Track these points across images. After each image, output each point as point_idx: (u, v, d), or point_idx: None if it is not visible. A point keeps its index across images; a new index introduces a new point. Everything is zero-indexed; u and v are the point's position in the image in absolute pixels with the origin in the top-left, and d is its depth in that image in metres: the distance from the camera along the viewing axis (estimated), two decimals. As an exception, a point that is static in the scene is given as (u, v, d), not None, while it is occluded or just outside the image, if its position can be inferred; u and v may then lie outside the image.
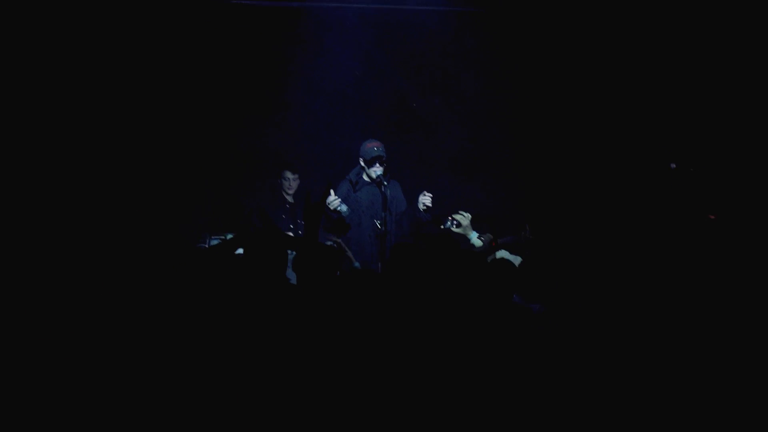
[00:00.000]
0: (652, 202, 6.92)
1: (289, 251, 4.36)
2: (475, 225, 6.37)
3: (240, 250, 4.12)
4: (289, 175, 7.49)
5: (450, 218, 6.28)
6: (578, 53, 7.61)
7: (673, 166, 4.03)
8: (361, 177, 6.73)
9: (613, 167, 7.55)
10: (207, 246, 6.58)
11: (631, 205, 7.23)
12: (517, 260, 5.98)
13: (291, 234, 7.12)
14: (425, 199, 6.53)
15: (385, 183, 6.48)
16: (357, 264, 6.00)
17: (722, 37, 7.14)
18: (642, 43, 7.36)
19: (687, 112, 7.29)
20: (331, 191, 6.45)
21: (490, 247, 6.15)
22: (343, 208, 6.41)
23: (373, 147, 6.58)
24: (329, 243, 5.96)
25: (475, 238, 6.31)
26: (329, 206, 6.38)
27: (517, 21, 7.69)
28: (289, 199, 7.51)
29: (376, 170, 6.55)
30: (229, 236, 6.68)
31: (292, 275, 4.45)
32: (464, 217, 6.27)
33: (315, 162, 7.92)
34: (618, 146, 7.56)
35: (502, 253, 6.15)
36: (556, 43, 7.65)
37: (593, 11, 7.42)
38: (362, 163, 6.67)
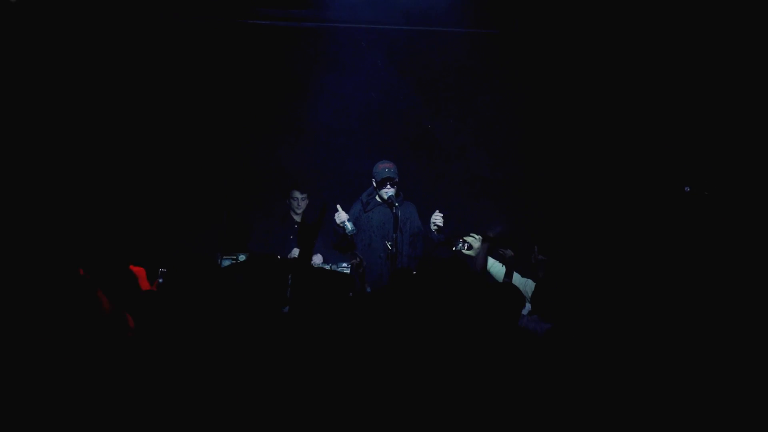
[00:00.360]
0: (666, 224, 6.84)
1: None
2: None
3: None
4: (297, 194, 7.41)
5: (461, 240, 6.25)
6: (594, 74, 7.56)
7: (687, 189, 3.97)
8: (373, 198, 6.75)
9: (628, 188, 7.48)
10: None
11: (645, 227, 7.16)
12: (528, 284, 5.95)
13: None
14: (436, 219, 6.53)
15: (396, 204, 6.49)
16: (369, 289, 6.00)
17: (745, 64, 7.06)
18: (659, 64, 7.30)
19: (703, 135, 7.20)
20: (339, 207, 6.48)
21: (507, 267, 6.11)
22: (348, 226, 6.42)
23: (385, 168, 6.60)
24: (355, 260, 5.97)
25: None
26: (336, 221, 6.41)
27: (532, 42, 7.66)
28: (298, 219, 7.45)
29: (387, 191, 6.57)
30: (242, 257, 6.75)
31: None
32: (476, 240, 6.23)
33: (330, 183, 7.93)
34: (633, 167, 7.49)
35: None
36: (571, 64, 7.61)
37: (610, 33, 7.37)
38: (374, 184, 6.68)
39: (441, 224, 6.51)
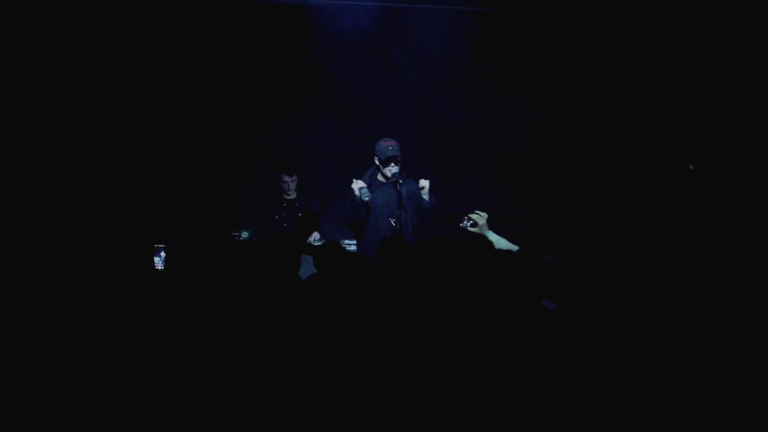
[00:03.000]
0: (670, 203, 6.82)
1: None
2: (492, 225, 6.31)
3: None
4: (286, 177, 7.42)
5: (466, 218, 6.23)
6: (595, 53, 7.53)
7: (691, 167, 3.94)
8: (375, 178, 6.69)
9: (632, 169, 7.46)
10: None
11: (650, 207, 7.14)
12: (501, 242, 5.88)
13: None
14: (423, 182, 6.53)
15: (401, 181, 6.46)
16: None
17: (742, 42, 7.02)
18: (659, 42, 7.26)
19: (706, 114, 7.17)
20: (354, 180, 6.50)
21: None
22: (366, 192, 6.42)
23: (388, 146, 6.55)
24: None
25: (491, 237, 6.24)
26: (354, 189, 6.42)
27: (534, 20, 7.62)
28: (288, 196, 7.46)
29: (392, 169, 6.53)
30: (244, 234, 6.74)
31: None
32: (480, 217, 6.20)
33: (331, 162, 7.91)
34: (637, 147, 7.47)
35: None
36: (572, 43, 7.58)
37: (611, 12, 7.33)
38: (377, 162, 6.64)
39: (425, 185, 6.52)
